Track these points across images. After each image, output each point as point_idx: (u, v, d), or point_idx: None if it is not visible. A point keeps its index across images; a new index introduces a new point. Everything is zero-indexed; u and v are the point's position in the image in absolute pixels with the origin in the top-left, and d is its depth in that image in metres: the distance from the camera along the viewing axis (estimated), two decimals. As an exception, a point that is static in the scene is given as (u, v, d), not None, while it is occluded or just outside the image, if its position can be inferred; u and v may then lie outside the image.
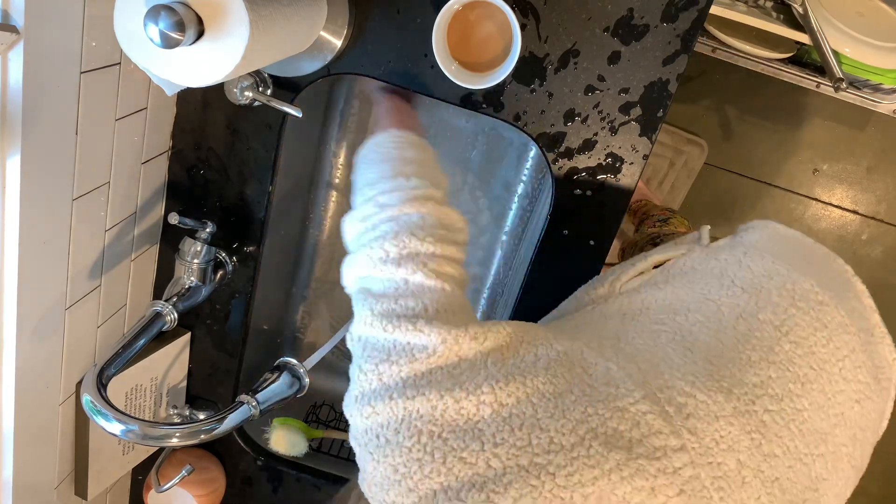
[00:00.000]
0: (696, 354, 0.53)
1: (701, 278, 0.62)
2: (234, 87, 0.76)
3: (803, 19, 1.18)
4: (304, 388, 0.84)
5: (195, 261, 0.82)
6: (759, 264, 0.63)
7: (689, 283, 0.62)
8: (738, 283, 0.61)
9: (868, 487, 1.88)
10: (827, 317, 0.59)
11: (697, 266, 0.65)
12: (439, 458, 0.45)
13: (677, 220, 1.20)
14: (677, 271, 0.66)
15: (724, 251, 0.66)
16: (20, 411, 0.69)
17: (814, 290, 0.60)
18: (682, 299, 0.60)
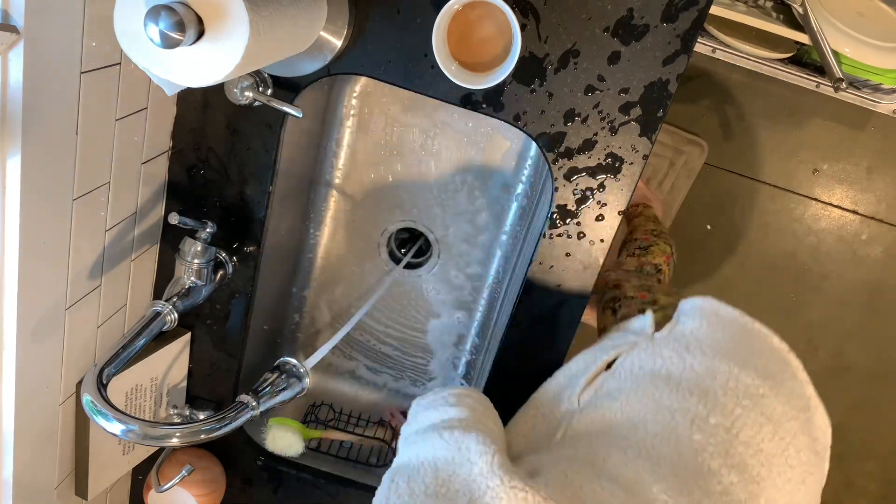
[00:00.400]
0: (663, 468, 0.58)
1: (651, 382, 0.67)
2: (234, 87, 0.76)
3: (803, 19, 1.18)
4: (305, 388, 0.84)
5: (195, 261, 0.82)
6: (701, 362, 0.66)
7: (640, 391, 0.66)
8: (684, 385, 0.65)
9: (867, 487, 1.88)
10: (769, 409, 0.63)
11: (645, 366, 0.69)
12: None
13: (658, 248, 1.20)
14: (627, 374, 0.70)
15: (666, 346, 0.70)
16: (20, 411, 0.69)
17: (755, 384, 0.64)
18: (638, 411, 0.64)
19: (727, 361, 0.66)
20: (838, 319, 1.75)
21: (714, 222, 1.69)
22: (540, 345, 0.89)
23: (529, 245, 0.90)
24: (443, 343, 1.15)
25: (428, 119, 0.99)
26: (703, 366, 0.66)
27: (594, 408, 0.68)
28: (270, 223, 0.88)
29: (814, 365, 1.80)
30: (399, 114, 0.99)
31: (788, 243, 1.70)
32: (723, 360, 0.66)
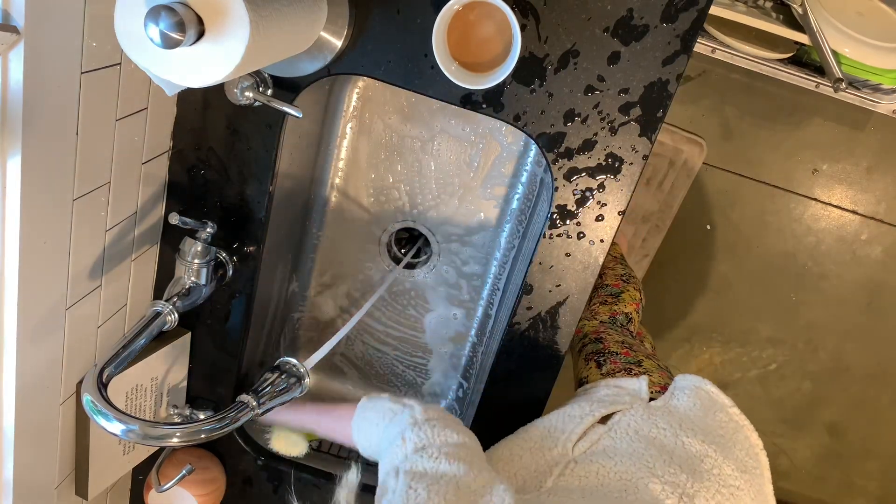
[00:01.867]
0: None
1: (645, 449, 0.71)
2: (234, 87, 0.76)
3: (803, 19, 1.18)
4: (305, 388, 0.84)
5: (195, 261, 0.82)
6: (693, 444, 0.72)
7: (636, 456, 0.70)
8: (676, 460, 0.70)
9: (867, 487, 1.88)
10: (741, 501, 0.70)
11: (641, 430, 0.74)
12: None
13: (628, 295, 1.22)
14: (623, 434, 0.74)
15: (662, 418, 0.76)
16: (20, 411, 0.69)
17: (733, 476, 0.71)
18: (632, 475, 0.68)
19: (714, 448, 0.72)
20: (838, 319, 1.76)
21: (714, 222, 1.69)
22: (539, 345, 0.89)
23: (529, 245, 0.90)
24: (442, 342, 1.15)
25: (428, 118, 0.99)
26: (694, 448, 0.72)
27: (589, 461, 0.71)
28: (270, 223, 0.88)
29: (814, 365, 1.80)
30: (399, 114, 0.99)
31: (788, 243, 1.70)
32: (710, 446, 0.72)
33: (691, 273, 1.74)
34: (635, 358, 0.94)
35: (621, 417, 0.77)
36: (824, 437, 1.81)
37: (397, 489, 0.60)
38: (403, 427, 0.69)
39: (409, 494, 0.58)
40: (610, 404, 0.79)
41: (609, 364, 0.93)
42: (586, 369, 0.96)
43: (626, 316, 1.16)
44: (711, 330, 1.78)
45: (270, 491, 1.04)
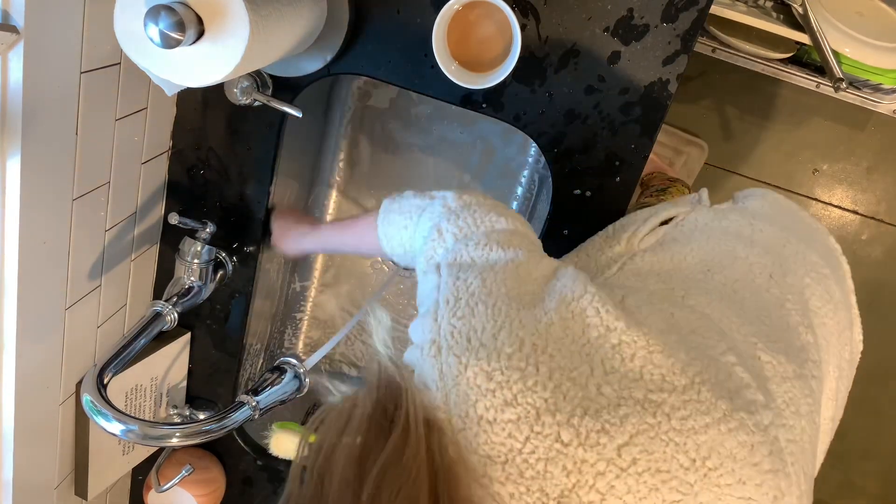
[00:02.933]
0: (748, 314, 0.52)
1: (721, 236, 0.61)
2: (234, 87, 0.76)
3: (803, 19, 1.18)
4: (305, 388, 0.84)
5: (195, 261, 0.82)
6: (770, 231, 0.62)
7: (711, 240, 0.61)
8: (758, 244, 0.60)
9: (867, 487, 1.88)
10: (831, 290, 0.59)
11: (711, 223, 0.64)
12: (545, 373, 0.40)
13: (676, 190, 1.18)
14: (692, 227, 0.64)
15: (731, 213, 0.65)
16: (20, 411, 0.69)
17: (820, 263, 0.60)
18: (713, 256, 0.58)
19: (795, 236, 0.62)
20: (838, 319, 1.75)
21: (714, 222, 1.69)
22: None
23: (529, 245, 0.90)
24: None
25: (428, 118, 0.99)
26: (773, 233, 0.62)
27: (661, 250, 0.61)
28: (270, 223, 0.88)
29: (814, 365, 1.80)
30: (399, 114, 0.99)
31: (788, 243, 1.70)
32: (791, 234, 0.62)
33: (691, 273, 1.74)
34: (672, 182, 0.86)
35: (686, 216, 0.67)
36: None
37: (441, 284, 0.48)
38: (437, 219, 0.57)
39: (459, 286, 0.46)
40: (670, 208, 0.69)
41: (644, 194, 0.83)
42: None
43: None
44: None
45: (270, 491, 1.04)
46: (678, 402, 0.41)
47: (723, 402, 0.43)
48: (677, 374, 0.43)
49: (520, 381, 0.40)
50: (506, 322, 0.43)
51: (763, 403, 0.45)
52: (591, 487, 0.38)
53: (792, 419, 0.46)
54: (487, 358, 0.41)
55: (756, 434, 0.43)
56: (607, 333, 0.44)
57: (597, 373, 0.41)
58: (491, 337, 0.42)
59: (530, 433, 0.39)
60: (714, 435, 0.41)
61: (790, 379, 0.48)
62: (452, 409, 0.40)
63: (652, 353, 0.43)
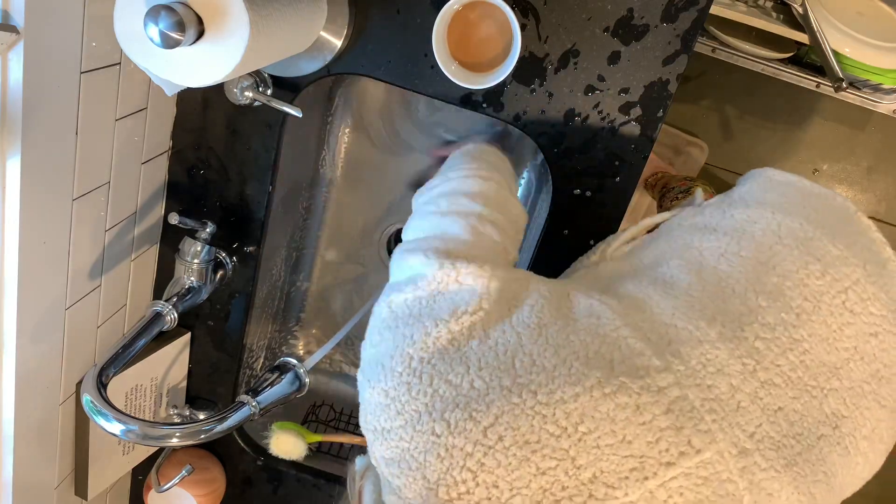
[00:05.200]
0: (675, 291, 0.54)
1: (686, 231, 0.62)
2: (234, 87, 0.76)
3: (803, 19, 1.18)
4: (304, 389, 0.84)
5: (195, 261, 0.82)
6: (743, 212, 0.61)
7: (671, 238, 0.62)
8: (720, 229, 0.60)
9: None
10: (819, 251, 0.57)
11: (683, 222, 0.65)
12: (426, 381, 0.47)
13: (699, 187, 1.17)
14: (664, 230, 0.66)
15: (710, 206, 0.66)
16: (20, 411, 0.69)
17: (801, 228, 0.59)
18: (665, 252, 0.61)
19: (771, 210, 0.61)
20: (838, 319, 1.75)
21: (714, 222, 1.69)
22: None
23: (529, 245, 0.90)
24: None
25: (428, 118, 0.99)
26: (745, 214, 0.61)
27: (623, 258, 0.65)
28: (270, 223, 0.88)
29: (814, 365, 1.80)
30: (399, 114, 0.99)
31: (788, 243, 1.70)
32: (766, 209, 0.61)
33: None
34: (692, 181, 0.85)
35: (666, 222, 0.68)
36: (824, 437, 1.81)
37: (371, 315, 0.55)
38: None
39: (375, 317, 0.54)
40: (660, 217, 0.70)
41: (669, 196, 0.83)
42: None
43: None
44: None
45: (270, 491, 1.04)
46: (545, 380, 0.45)
47: (598, 370, 0.46)
48: (548, 357, 0.47)
49: (406, 392, 0.46)
50: (400, 343, 0.49)
51: (659, 367, 0.47)
52: (463, 467, 0.44)
53: (711, 378, 0.48)
54: (385, 378, 0.48)
55: (643, 395, 0.45)
56: (485, 338, 0.48)
57: (472, 371, 0.47)
58: (389, 358, 0.49)
59: (413, 433, 0.45)
60: (585, 401, 0.45)
61: (710, 342, 0.49)
62: (366, 426, 0.49)
63: (523, 344, 0.48)
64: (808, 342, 0.52)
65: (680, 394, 0.46)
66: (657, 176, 1.45)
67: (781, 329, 0.52)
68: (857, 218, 0.63)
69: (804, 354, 0.52)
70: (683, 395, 0.46)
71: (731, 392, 0.48)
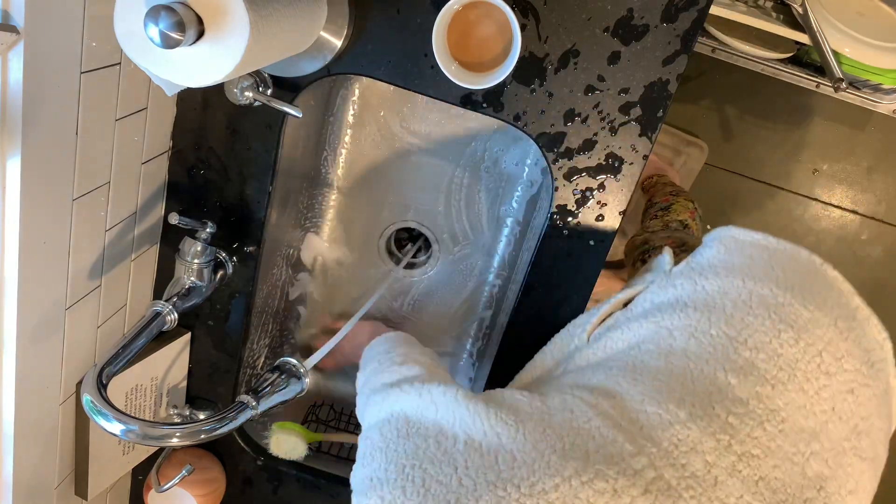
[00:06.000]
0: (644, 376, 0.56)
1: (658, 311, 0.64)
2: (234, 87, 0.76)
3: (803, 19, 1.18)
4: (305, 389, 0.84)
5: (195, 261, 0.82)
6: (714, 283, 0.63)
7: (645, 319, 0.64)
8: (690, 305, 0.62)
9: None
10: (791, 316, 0.58)
11: (655, 299, 0.67)
12: (419, 482, 0.50)
13: (680, 205, 1.17)
14: (638, 310, 0.68)
15: (680, 276, 0.68)
16: (20, 411, 0.69)
17: (772, 294, 0.60)
18: (638, 335, 0.63)
19: (741, 278, 0.62)
20: (838, 319, 1.75)
21: (714, 222, 1.69)
22: (540, 344, 0.89)
23: (529, 245, 0.90)
24: (443, 343, 1.15)
25: (428, 118, 0.99)
26: (716, 285, 0.62)
27: (599, 341, 0.67)
28: (270, 223, 0.88)
29: (814, 365, 1.80)
30: (398, 114, 0.99)
31: (788, 243, 1.70)
32: (736, 277, 0.62)
33: (691, 273, 1.74)
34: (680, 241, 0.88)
35: (640, 297, 0.70)
36: (824, 437, 1.81)
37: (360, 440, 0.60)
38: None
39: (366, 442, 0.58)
40: (629, 288, 0.72)
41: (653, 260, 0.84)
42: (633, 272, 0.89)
43: (680, 223, 1.09)
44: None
45: (270, 491, 1.04)
46: (526, 473, 0.48)
47: (574, 461, 0.49)
48: (528, 451, 0.50)
49: (401, 496, 0.50)
50: (393, 458, 0.53)
51: (632, 452, 0.49)
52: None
53: (685, 457, 0.49)
54: (381, 486, 0.51)
55: (620, 479, 0.47)
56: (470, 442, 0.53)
57: (459, 470, 0.50)
58: (384, 472, 0.52)
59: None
60: (566, 490, 0.47)
61: (681, 422, 0.51)
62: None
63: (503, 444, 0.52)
64: (785, 411, 0.53)
65: (656, 474, 0.48)
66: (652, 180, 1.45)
67: (755, 402, 0.53)
68: (824, 271, 0.65)
69: (782, 423, 0.53)
70: (659, 475, 0.48)
71: (706, 468, 0.49)
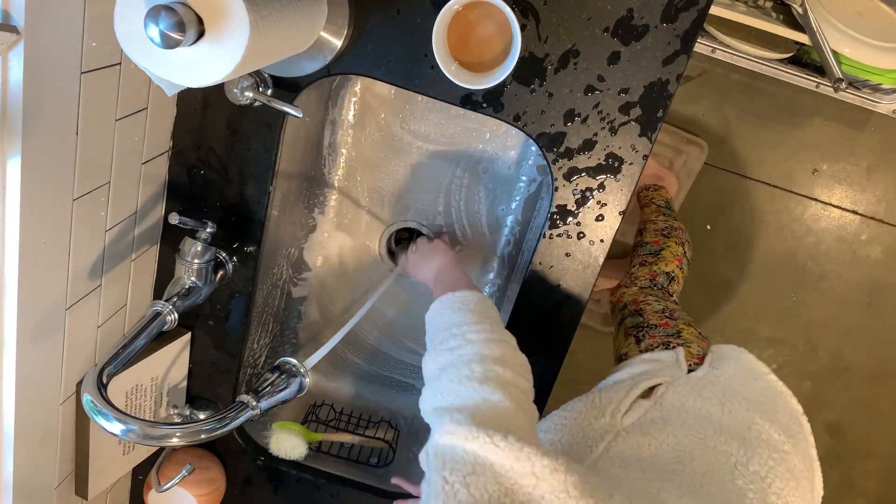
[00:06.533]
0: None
1: (694, 421, 0.70)
2: (234, 87, 0.76)
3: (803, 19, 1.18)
4: (305, 388, 0.84)
5: (195, 261, 0.82)
6: (739, 412, 0.71)
7: (686, 427, 0.69)
8: (725, 430, 0.69)
9: (867, 487, 1.88)
10: (792, 466, 0.67)
11: (687, 403, 0.73)
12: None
13: (669, 252, 1.19)
14: (670, 407, 0.73)
15: (706, 388, 0.75)
16: (20, 411, 0.69)
17: (781, 440, 0.69)
18: (685, 446, 0.66)
19: (759, 415, 0.71)
20: (838, 319, 1.75)
21: (714, 222, 1.69)
22: (540, 344, 0.89)
23: (529, 245, 0.90)
24: (443, 343, 1.15)
25: (428, 118, 0.99)
26: (741, 415, 0.71)
27: (640, 433, 0.69)
28: (270, 223, 0.88)
29: (814, 365, 1.80)
30: (399, 114, 0.99)
31: (788, 243, 1.70)
32: (755, 413, 0.71)
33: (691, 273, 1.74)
34: (675, 328, 0.93)
35: (665, 391, 0.76)
36: (824, 437, 1.81)
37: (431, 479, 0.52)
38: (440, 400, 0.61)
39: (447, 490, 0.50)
40: (651, 377, 0.79)
41: (648, 339, 0.91)
42: (626, 345, 0.95)
43: (667, 276, 1.13)
44: (711, 330, 1.78)
45: (270, 491, 1.04)
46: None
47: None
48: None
49: None
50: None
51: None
52: None
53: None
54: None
55: None
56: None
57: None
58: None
59: None
60: None
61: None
62: None
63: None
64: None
65: None
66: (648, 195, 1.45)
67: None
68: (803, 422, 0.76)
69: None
70: None
71: None
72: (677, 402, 0.74)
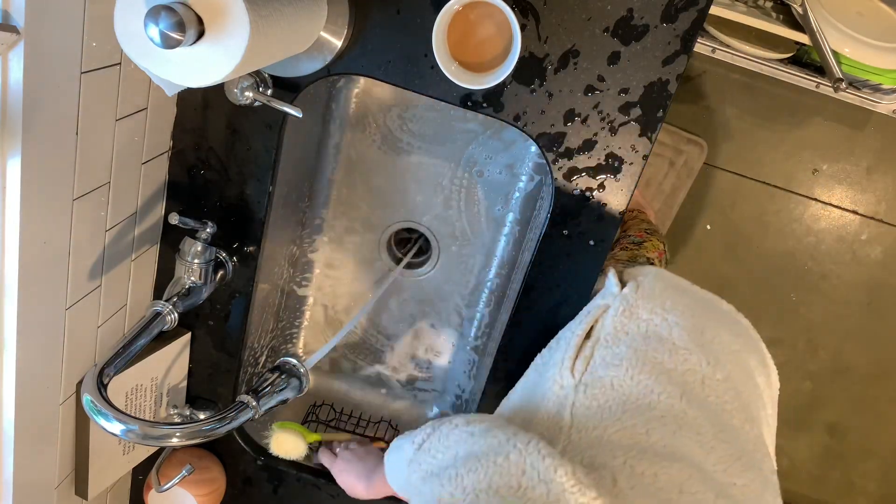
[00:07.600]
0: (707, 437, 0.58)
1: (644, 344, 0.67)
2: (234, 87, 0.76)
3: (803, 19, 1.18)
4: (305, 388, 0.84)
5: (195, 261, 0.82)
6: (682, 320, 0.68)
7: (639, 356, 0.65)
8: (679, 345, 0.66)
9: (867, 487, 1.88)
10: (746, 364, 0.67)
11: (629, 328, 0.69)
12: None
13: (651, 244, 1.19)
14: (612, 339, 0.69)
15: (640, 306, 0.71)
16: (20, 411, 0.69)
17: (730, 341, 0.68)
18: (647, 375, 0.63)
19: (705, 319, 0.68)
20: (838, 319, 1.75)
21: (714, 222, 1.69)
22: (540, 345, 0.89)
23: (530, 245, 0.90)
24: (443, 342, 1.15)
25: (428, 118, 0.99)
26: (689, 323, 0.68)
27: (596, 379, 0.65)
28: (270, 223, 0.88)
29: (814, 365, 1.80)
30: (399, 114, 0.99)
31: (788, 243, 1.70)
32: (700, 318, 0.68)
33: (691, 273, 1.74)
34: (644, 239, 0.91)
35: (603, 323, 0.72)
36: (824, 437, 1.81)
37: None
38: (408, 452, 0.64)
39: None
40: (585, 316, 0.75)
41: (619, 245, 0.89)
42: None
43: (647, 259, 1.11)
44: (711, 330, 1.78)
45: (270, 491, 1.04)
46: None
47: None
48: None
49: None
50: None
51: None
52: None
53: None
54: None
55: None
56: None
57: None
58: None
59: None
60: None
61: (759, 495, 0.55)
62: None
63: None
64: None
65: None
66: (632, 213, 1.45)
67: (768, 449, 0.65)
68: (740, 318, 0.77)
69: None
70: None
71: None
72: (620, 332, 0.69)
